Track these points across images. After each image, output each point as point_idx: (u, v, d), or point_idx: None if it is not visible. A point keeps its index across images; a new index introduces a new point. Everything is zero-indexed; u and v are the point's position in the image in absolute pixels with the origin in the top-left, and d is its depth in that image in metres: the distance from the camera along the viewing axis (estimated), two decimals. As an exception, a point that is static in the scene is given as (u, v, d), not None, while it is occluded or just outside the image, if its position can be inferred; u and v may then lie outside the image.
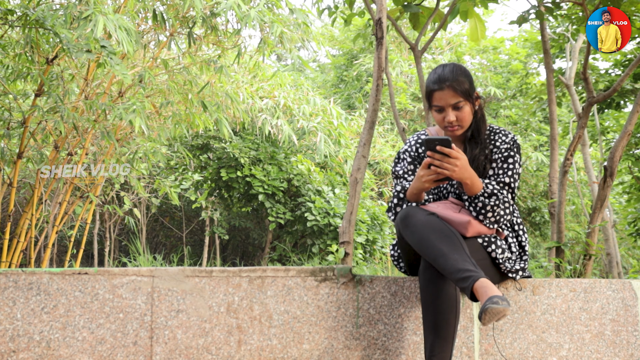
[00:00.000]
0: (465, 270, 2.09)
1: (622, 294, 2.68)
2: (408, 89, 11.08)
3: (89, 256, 10.41)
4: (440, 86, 2.36)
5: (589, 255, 4.19)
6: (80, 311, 2.19)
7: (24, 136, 4.77)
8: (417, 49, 4.41)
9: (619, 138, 4.14)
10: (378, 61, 3.73)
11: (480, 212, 2.32)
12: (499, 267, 2.40)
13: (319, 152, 7.48)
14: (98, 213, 9.23)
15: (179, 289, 2.26)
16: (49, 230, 5.80)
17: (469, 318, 2.50)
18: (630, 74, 4.89)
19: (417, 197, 2.40)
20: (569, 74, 6.66)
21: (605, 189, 4.14)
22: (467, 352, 2.48)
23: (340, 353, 2.36)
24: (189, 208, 10.94)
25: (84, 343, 2.18)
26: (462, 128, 2.40)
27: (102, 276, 2.22)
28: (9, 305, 2.15)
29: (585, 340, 2.60)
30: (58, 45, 4.54)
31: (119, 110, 4.45)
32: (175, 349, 2.23)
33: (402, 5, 4.41)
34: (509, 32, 22.27)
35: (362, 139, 3.71)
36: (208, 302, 2.27)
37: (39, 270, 2.19)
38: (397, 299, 2.44)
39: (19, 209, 7.14)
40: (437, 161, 2.22)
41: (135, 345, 2.22)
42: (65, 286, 2.19)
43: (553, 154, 4.66)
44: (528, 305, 2.56)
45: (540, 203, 11.00)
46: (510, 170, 2.40)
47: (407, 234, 2.28)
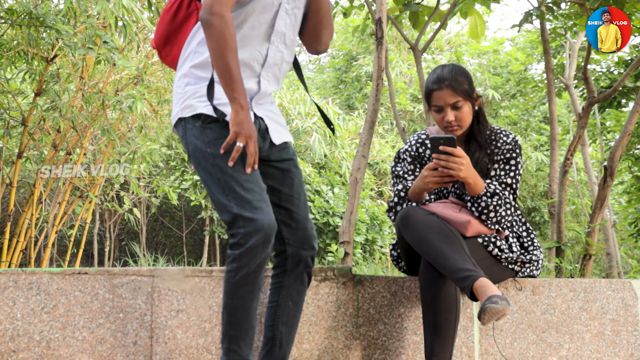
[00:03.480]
0: (465, 269, 2.09)
1: (622, 293, 2.68)
2: (407, 90, 11.08)
3: (89, 256, 10.40)
4: (439, 86, 2.37)
5: (589, 255, 4.19)
6: (80, 311, 2.19)
7: (24, 135, 4.77)
8: (417, 49, 4.41)
9: (619, 138, 4.13)
10: (378, 61, 3.73)
11: (483, 212, 2.32)
12: (500, 266, 2.39)
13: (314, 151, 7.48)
14: (98, 213, 9.23)
15: (179, 289, 2.26)
16: (49, 230, 5.80)
17: (469, 318, 2.50)
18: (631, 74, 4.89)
19: (419, 197, 2.40)
20: (569, 73, 6.66)
21: (605, 189, 4.13)
22: (467, 352, 2.48)
23: (340, 353, 2.36)
24: (189, 208, 10.94)
25: (84, 343, 2.18)
26: (462, 128, 2.40)
27: (102, 276, 2.22)
28: (9, 305, 2.15)
29: (585, 340, 2.60)
30: (57, 44, 4.54)
31: (117, 99, 4.44)
32: (175, 349, 2.23)
33: (402, 4, 4.41)
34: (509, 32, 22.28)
35: (362, 139, 3.71)
36: (208, 302, 2.27)
37: (39, 270, 2.19)
38: (397, 299, 2.44)
39: (18, 209, 7.14)
40: (442, 161, 2.22)
41: (135, 345, 2.22)
42: (65, 286, 2.19)
43: (553, 154, 4.66)
44: (528, 305, 2.56)
45: (540, 203, 11.00)
46: (512, 172, 2.40)
47: (407, 233, 2.29)
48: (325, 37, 2.19)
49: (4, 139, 5.00)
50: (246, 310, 1.90)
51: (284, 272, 2.08)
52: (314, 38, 2.19)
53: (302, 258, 2.07)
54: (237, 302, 1.89)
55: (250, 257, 1.85)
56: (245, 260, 1.85)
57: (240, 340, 1.91)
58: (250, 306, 1.90)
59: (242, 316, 1.90)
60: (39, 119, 4.95)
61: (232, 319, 1.90)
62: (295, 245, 2.07)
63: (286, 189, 2.10)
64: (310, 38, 2.20)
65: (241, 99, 1.87)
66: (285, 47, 2.11)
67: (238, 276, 1.86)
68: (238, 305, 1.89)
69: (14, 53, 4.64)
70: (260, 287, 1.91)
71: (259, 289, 1.91)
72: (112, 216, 9.77)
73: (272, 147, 2.09)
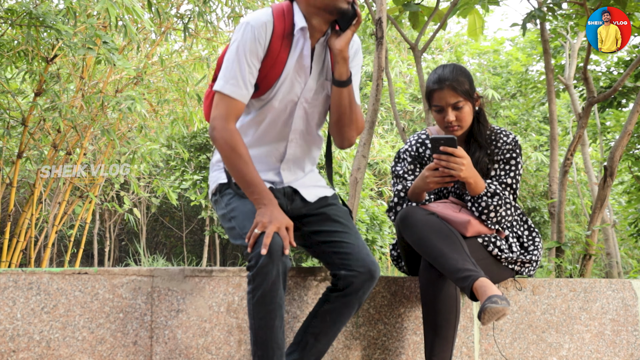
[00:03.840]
0: (465, 269, 2.09)
1: (622, 293, 2.68)
2: (407, 90, 11.07)
3: (89, 256, 10.40)
4: (440, 86, 2.36)
5: (589, 255, 4.19)
6: (80, 311, 2.19)
7: (24, 135, 4.77)
8: (417, 49, 4.41)
9: (619, 138, 4.13)
10: (378, 61, 3.73)
11: (483, 212, 2.32)
12: (500, 266, 2.39)
13: None
14: (98, 213, 9.23)
15: (179, 289, 2.26)
16: (49, 229, 5.80)
17: (469, 318, 2.50)
18: (631, 74, 4.89)
19: (419, 197, 2.40)
20: (568, 73, 6.66)
21: (605, 188, 4.14)
22: (467, 352, 2.48)
23: (340, 353, 2.36)
24: (189, 208, 10.94)
25: (84, 343, 2.18)
26: (462, 128, 2.40)
27: (102, 276, 2.22)
28: (9, 305, 2.15)
29: (585, 340, 2.60)
30: (57, 44, 4.54)
31: (117, 100, 4.45)
32: (175, 349, 2.23)
33: (402, 4, 4.41)
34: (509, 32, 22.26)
35: (362, 139, 3.71)
36: (208, 302, 2.27)
37: (39, 270, 2.19)
38: (397, 299, 2.44)
39: (18, 209, 7.14)
40: (443, 162, 2.22)
41: (135, 345, 2.22)
42: (65, 286, 2.19)
43: (553, 154, 4.66)
44: (528, 305, 2.56)
45: (540, 203, 11.00)
46: (512, 172, 2.40)
47: (407, 233, 2.29)
48: (347, 134, 2.17)
49: (4, 139, 5.00)
50: (269, 330, 1.92)
51: (335, 289, 2.07)
52: (336, 133, 2.19)
53: (355, 284, 2.03)
54: (259, 322, 1.91)
55: (262, 276, 1.86)
56: (258, 280, 1.87)
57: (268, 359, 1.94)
58: (273, 325, 1.92)
59: (267, 336, 1.92)
60: (39, 119, 4.95)
61: (257, 339, 1.93)
62: (349, 270, 2.04)
63: (325, 227, 2.13)
64: (333, 133, 2.21)
65: (262, 199, 1.95)
66: (305, 142, 2.19)
67: (256, 297, 1.89)
68: (261, 326, 1.91)
69: (14, 53, 4.64)
70: (281, 305, 1.92)
71: (280, 307, 1.92)
72: (112, 216, 9.77)
73: (306, 204, 2.18)
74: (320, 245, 2.11)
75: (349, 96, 2.10)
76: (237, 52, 2.01)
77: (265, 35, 2.02)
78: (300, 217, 2.16)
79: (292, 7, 2.09)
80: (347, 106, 2.12)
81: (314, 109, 2.15)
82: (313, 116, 2.16)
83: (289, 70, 2.07)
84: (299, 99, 2.10)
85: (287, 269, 1.91)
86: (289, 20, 2.06)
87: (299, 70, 2.09)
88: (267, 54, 2.03)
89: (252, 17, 2.05)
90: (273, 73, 2.05)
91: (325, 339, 2.08)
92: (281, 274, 1.89)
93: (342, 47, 2.05)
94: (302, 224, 2.15)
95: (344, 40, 2.05)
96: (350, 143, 2.21)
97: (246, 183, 1.98)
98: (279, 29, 2.04)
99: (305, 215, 2.17)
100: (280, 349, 1.93)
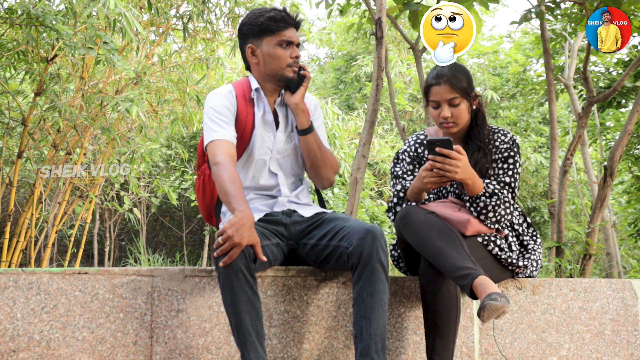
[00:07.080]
0: (464, 268, 2.09)
1: (622, 293, 2.68)
2: (406, 90, 11.07)
3: (89, 256, 10.40)
4: (438, 81, 2.38)
5: (589, 255, 4.19)
6: (80, 311, 2.19)
7: (24, 135, 4.77)
8: (417, 49, 4.41)
9: (619, 138, 4.14)
10: (378, 61, 3.73)
11: (482, 212, 2.32)
12: (499, 265, 2.39)
13: None
14: (98, 213, 9.22)
15: (179, 289, 2.26)
16: (49, 229, 5.80)
17: (469, 317, 2.50)
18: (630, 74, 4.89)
19: (418, 197, 2.40)
20: (568, 73, 6.66)
21: (605, 188, 4.14)
22: (467, 352, 2.48)
23: (340, 353, 2.36)
24: (189, 208, 10.93)
25: (84, 343, 2.18)
26: (457, 125, 2.40)
27: (102, 276, 2.22)
28: (9, 305, 2.15)
29: (585, 340, 2.60)
30: (57, 44, 4.54)
31: (115, 101, 4.45)
32: (175, 349, 2.23)
33: (402, 4, 4.41)
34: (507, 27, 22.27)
35: (362, 139, 3.71)
36: (208, 302, 2.27)
37: (39, 270, 2.19)
38: (397, 299, 2.44)
39: (18, 209, 7.14)
40: (438, 164, 2.21)
41: (135, 345, 2.22)
42: (65, 286, 2.19)
43: (553, 154, 4.66)
44: (528, 304, 2.56)
45: (540, 203, 10.99)
46: (510, 170, 2.40)
47: (406, 233, 2.29)
48: (324, 174, 2.43)
49: (4, 139, 4.99)
50: (237, 315, 2.00)
51: (354, 269, 2.14)
52: (314, 176, 2.45)
53: (364, 250, 2.10)
54: (228, 308, 2.03)
55: (217, 263, 2.01)
56: (217, 267, 2.02)
57: (242, 346, 2.01)
58: (239, 310, 2.00)
59: (236, 321, 2.01)
60: (39, 119, 4.95)
61: (231, 326, 2.05)
62: (352, 242, 2.13)
63: (322, 230, 2.26)
64: (311, 176, 2.46)
65: (239, 206, 2.05)
66: (294, 185, 2.43)
67: (221, 284, 2.02)
68: (229, 312, 2.02)
69: (13, 53, 4.64)
70: (245, 290, 2.00)
71: (243, 292, 1.99)
72: (112, 216, 9.76)
73: (303, 218, 2.33)
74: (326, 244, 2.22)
75: (315, 141, 2.37)
76: (211, 113, 2.29)
77: (231, 98, 2.34)
78: (300, 232, 2.29)
79: (248, 78, 2.42)
80: (317, 150, 2.37)
81: (286, 158, 2.40)
82: (286, 165, 2.40)
83: (258, 127, 2.35)
84: (272, 151, 2.36)
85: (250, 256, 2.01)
86: (247, 86, 2.39)
87: (265, 126, 2.37)
88: (238, 116, 2.32)
89: (215, 90, 2.38)
90: (247, 131, 2.33)
91: (375, 316, 2.09)
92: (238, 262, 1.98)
93: (297, 101, 2.35)
94: (305, 238, 2.28)
95: (298, 96, 2.35)
96: (330, 182, 2.44)
97: (229, 197, 2.09)
98: (239, 93, 2.36)
99: (304, 228, 2.30)
100: (251, 335, 2.00)
